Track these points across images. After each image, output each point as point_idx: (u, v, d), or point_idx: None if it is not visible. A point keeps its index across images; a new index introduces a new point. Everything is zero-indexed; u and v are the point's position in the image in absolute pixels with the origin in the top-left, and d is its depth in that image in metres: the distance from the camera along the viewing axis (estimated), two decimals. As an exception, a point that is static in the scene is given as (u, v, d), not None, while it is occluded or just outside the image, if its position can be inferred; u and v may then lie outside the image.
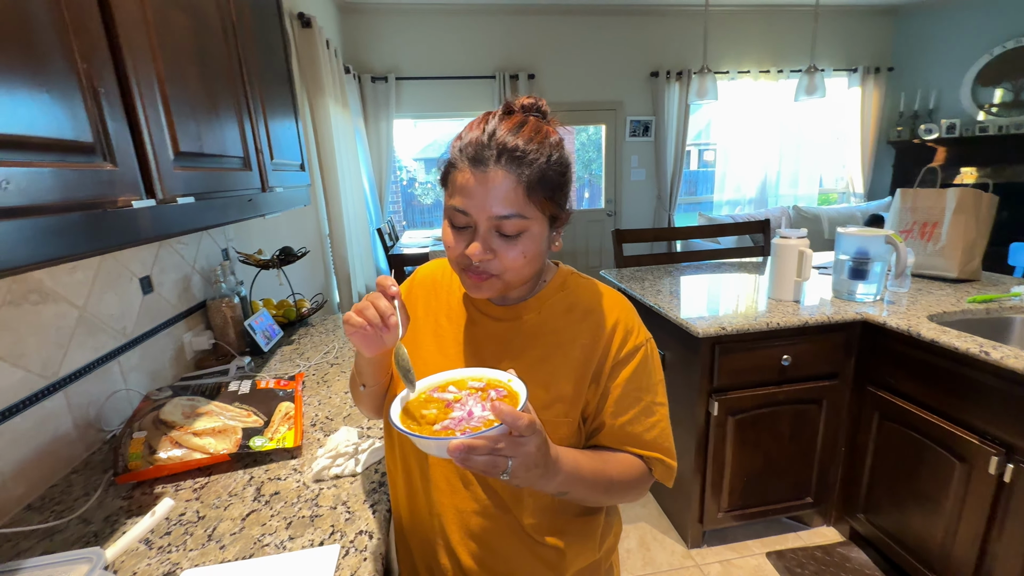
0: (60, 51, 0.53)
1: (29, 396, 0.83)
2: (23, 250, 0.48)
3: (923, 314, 1.50)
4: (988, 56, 4.22)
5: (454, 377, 0.61)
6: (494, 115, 0.61)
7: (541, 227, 0.62)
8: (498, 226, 0.59)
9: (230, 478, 0.86)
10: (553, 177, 0.60)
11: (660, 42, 4.50)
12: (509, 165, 0.57)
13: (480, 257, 0.59)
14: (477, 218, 0.59)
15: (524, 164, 0.58)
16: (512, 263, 0.61)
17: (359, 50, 4.09)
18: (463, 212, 0.59)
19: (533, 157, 0.58)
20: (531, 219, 0.60)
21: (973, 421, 1.29)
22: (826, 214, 4.58)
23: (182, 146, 0.76)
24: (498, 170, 0.57)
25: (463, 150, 0.59)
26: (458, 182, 0.60)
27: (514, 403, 0.53)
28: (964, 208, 1.75)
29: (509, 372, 0.58)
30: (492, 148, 0.57)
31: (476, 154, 0.58)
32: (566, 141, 0.67)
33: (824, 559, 1.69)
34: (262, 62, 1.18)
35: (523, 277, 0.64)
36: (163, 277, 1.25)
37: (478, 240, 0.59)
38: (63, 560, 0.57)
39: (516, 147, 0.57)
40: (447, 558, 0.70)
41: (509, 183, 0.57)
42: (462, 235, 0.62)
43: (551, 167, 0.60)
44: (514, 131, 0.59)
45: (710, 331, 1.50)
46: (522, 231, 0.60)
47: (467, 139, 0.60)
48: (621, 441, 0.67)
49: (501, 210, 0.58)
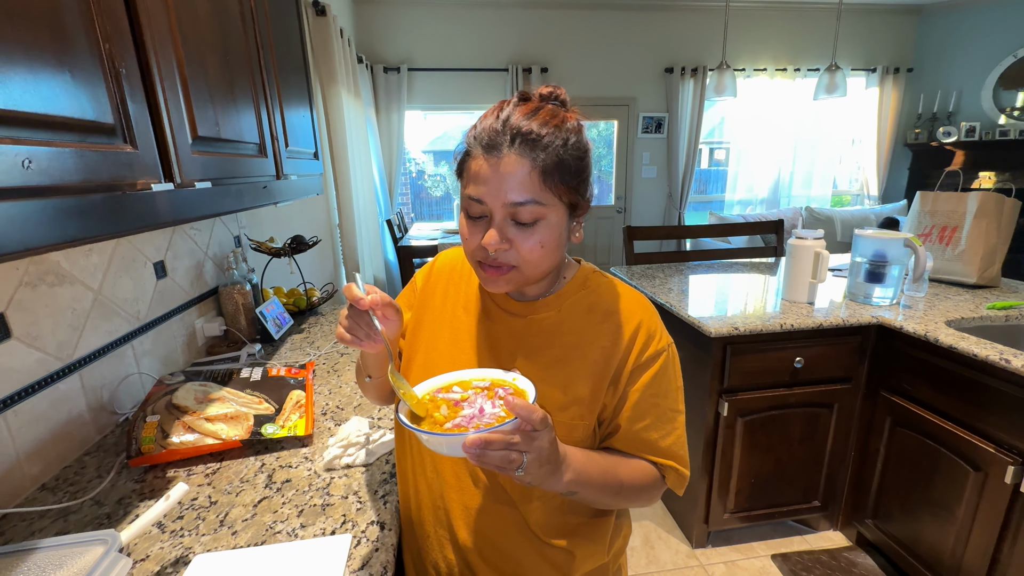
0: (84, 31, 0.52)
1: (45, 377, 0.83)
2: (44, 231, 0.47)
3: (940, 319, 1.47)
4: (1012, 58, 4.13)
5: (458, 378, 0.60)
6: (509, 103, 0.60)
7: (559, 215, 0.59)
8: (514, 214, 0.57)
9: (242, 464, 0.86)
10: (570, 162, 0.58)
11: (675, 38, 4.45)
12: (523, 149, 0.55)
13: (496, 246, 0.57)
14: (492, 206, 0.57)
15: (539, 148, 0.55)
16: (529, 253, 0.59)
17: (372, 40, 4.07)
18: (478, 200, 0.58)
19: (548, 140, 0.56)
20: (548, 206, 0.57)
21: (989, 429, 1.27)
22: (839, 216, 4.52)
23: (200, 130, 0.76)
24: (512, 155, 0.55)
25: (477, 137, 0.58)
26: (472, 170, 0.58)
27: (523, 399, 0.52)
28: (986, 212, 1.71)
29: (514, 372, 0.57)
30: (506, 133, 0.56)
31: (490, 140, 0.56)
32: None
33: (830, 563, 1.68)
34: (279, 49, 1.17)
35: (541, 269, 0.62)
36: (176, 263, 1.25)
37: (493, 228, 0.58)
38: (79, 541, 0.57)
39: (530, 131, 0.55)
40: (454, 554, 0.69)
41: (524, 168, 0.55)
42: (478, 225, 0.60)
43: (568, 151, 0.57)
44: (529, 116, 0.57)
45: (722, 331, 1.48)
46: (539, 219, 0.58)
47: (481, 127, 0.58)
48: (636, 447, 0.66)
49: (516, 196, 0.56)
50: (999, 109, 4.26)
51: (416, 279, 0.80)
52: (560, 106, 0.61)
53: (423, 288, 0.77)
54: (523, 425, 0.47)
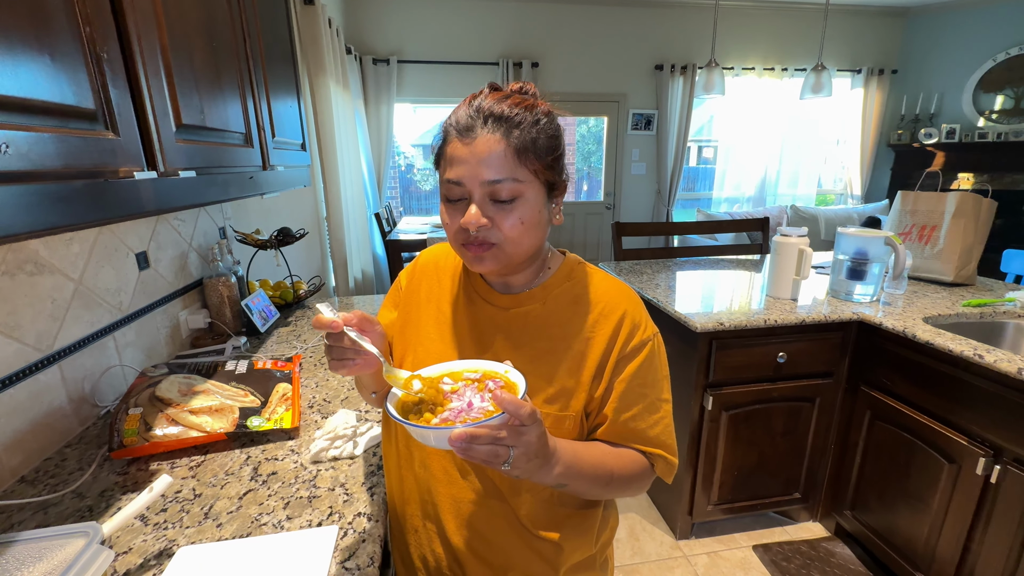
0: (64, 13, 0.51)
1: (24, 368, 0.82)
2: (23, 217, 0.47)
3: (919, 316, 1.51)
4: (992, 62, 4.22)
5: (450, 369, 0.60)
6: (481, 93, 0.62)
7: (536, 193, 0.61)
8: (492, 192, 0.59)
9: (227, 457, 0.85)
10: (543, 141, 0.60)
11: (665, 35, 4.47)
12: (496, 128, 0.58)
13: (477, 224, 0.59)
14: (470, 186, 0.59)
15: (512, 126, 0.58)
16: (510, 231, 0.60)
17: (362, 31, 4.02)
18: (456, 183, 0.59)
19: (520, 119, 0.59)
20: (525, 183, 0.60)
21: (963, 422, 1.31)
22: (823, 215, 4.60)
23: (184, 118, 0.74)
24: (486, 134, 0.58)
25: (452, 124, 0.61)
26: (448, 154, 0.61)
27: (513, 393, 0.52)
28: (963, 212, 1.75)
29: (506, 364, 0.58)
30: (479, 116, 0.58)
31: (465, 124, 0.59)
32: (566, 133, 0.67)
33: (809, 553, 1.72)
34: (266, 37, 1.15)
35: (523, 248, 0.63)
36: (160, 253, 1.23)
37: (474, 205, 0.59)
38: (59, 534, 0.56)
39: (502, 112, 0.58)
40: (442, 547, 0.69)
41: (499, 147, 0.58)
42: (458, 208, 0.61)
43: (541, 131, 0.60)
44: (500, 100, 0.60)
45: (708, 326, 1.50)
46: (516, 196, 0.59)
47: (456, 115, 0.61)
48: (624, 437, 0.66)
49: (493, 175, 0.58)
50: (978, 112, 4.36)
51: (400, 279, 0.80)
52: (531, 97, 0.64)
53: (407, 286, 0.78)
54: (511, 420, 0.47)
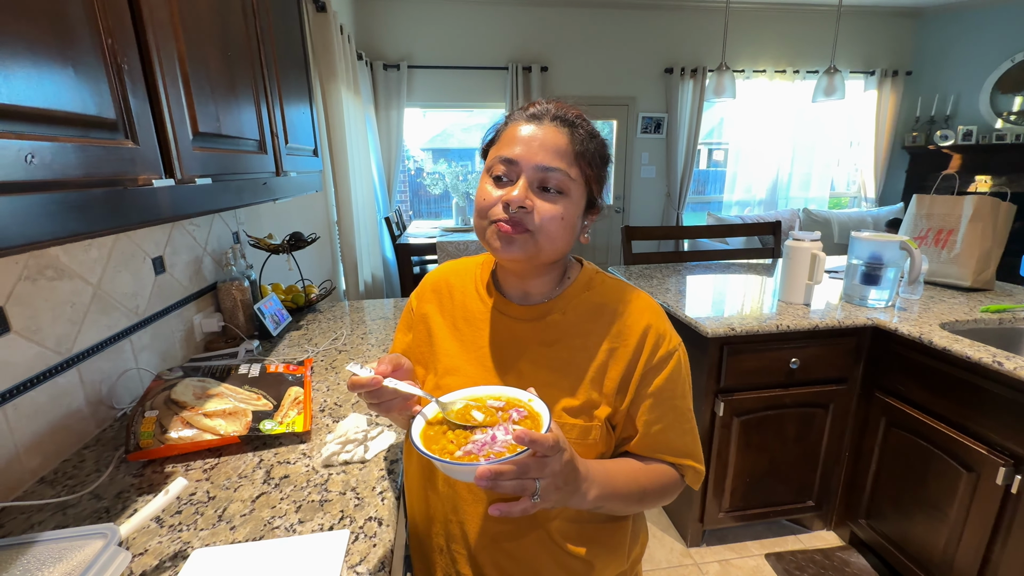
0: (87, 25, 0.52)
1: (44, 371, 0.83)
2: (47, 225, 0.48)
3: (935, 322, 1.49)
4: (1010, 63, 4.15)
5: (473, 395, 0.59)
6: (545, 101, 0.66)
7: (579, 197, 0.63)
8: (542, 179, 0.60)
9: (240, 460, 0.86)
10: (597, 153, 0.64)
11: (676, 38, 4.45)
12: (562, 126, 0.62)
13: (521, 200, 0.59)
14: (524, 166, 0.60)
15: (576, 128, 0.62)
16: (549, 223, 0.60)
17: (372, 37, 4.06)
18: (509, 161, 0.61)
19: (584, 128, 0.63)
20: (574, 181, 0.61)
21: (982, 431, 1.28)
22: (836, 218, 4.54)
23: (201, 126, 0.76)
24: (553, 127, 0.61)
25: (521, 110, 0.64)
26: (510, 134, 0.62)
27: (536, 424, 0.52)
28: (981, 216, 1.72)
29: (530, 391, 0.57)
30: (547, 113, 0.63)
31: (534, 112, 0.63)
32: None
33: (823, 563, 1.69)
34: (279, 45, 1.17)
35: (554, 246, 0.62)
36: (175, 258, 1.25)
37: (521, 182, 0.60)
38: (78, 535, 0.57)
39: (568, 115, 0.63)
40: (469, 566, 0.68)
41: (562, 139, 0.61)
42: (501, 185, 0.62)
43: (598, 145, 0.64)
44: (566, 108, 0.65)
45: (719, 331, 1.49)
46: (563, 191, 0.61)
47: (522, 108, 0.65)
48: (655, 449, 0.66)
49: (549, 161, 0.60)
50: (996, 113, 4.28)
51: (411, 301, 0.81)
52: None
53: (419, 307, 0.78)
54: (535, 451, 0.47)
